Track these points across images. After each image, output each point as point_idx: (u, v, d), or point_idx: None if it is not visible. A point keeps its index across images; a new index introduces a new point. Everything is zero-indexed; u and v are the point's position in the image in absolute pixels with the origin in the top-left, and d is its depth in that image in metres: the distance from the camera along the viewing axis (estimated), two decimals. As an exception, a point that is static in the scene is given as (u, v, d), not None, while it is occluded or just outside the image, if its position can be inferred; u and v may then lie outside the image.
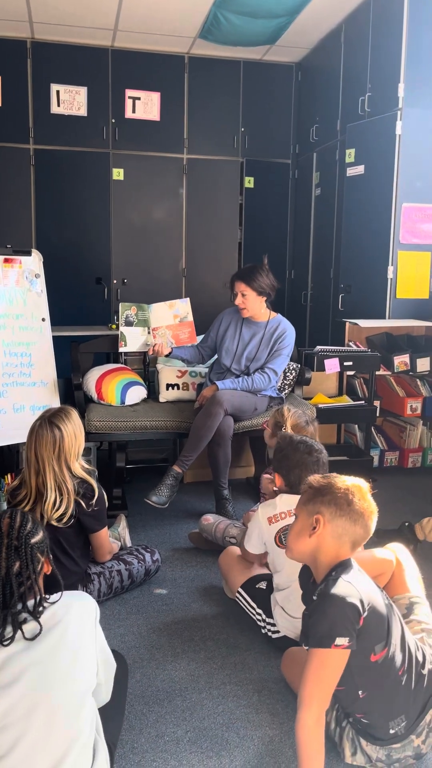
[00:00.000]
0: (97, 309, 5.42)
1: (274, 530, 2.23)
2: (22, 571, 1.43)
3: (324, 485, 1.69)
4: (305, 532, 1.68)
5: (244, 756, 1.78)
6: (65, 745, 1.37)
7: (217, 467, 3.25)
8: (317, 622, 1.57)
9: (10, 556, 1.42)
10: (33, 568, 1.44)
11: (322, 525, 1.65)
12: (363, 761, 1.72)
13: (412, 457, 4.22)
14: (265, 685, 2.08)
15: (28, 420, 3.33)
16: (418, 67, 4.14)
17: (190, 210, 5.71)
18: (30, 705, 1.34)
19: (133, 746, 1.81)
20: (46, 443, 2.25)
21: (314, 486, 1.71)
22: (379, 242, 4.34)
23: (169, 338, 3.52)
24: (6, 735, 1.32)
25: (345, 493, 1.65)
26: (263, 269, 3.34)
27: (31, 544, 1.46)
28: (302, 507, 1.72)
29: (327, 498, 1.66)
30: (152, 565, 2.68)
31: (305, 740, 1.53)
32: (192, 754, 1.78)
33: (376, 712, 1.67)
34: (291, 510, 2.23)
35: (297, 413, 2.64)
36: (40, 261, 3.53)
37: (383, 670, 1.63)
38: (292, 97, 5.81)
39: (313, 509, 1.68)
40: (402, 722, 1.67)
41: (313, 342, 5.14)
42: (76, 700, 1.41)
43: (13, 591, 1.41)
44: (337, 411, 3.86)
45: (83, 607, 1.51)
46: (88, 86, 5.36)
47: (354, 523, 1.65)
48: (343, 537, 1.65)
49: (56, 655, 1.40)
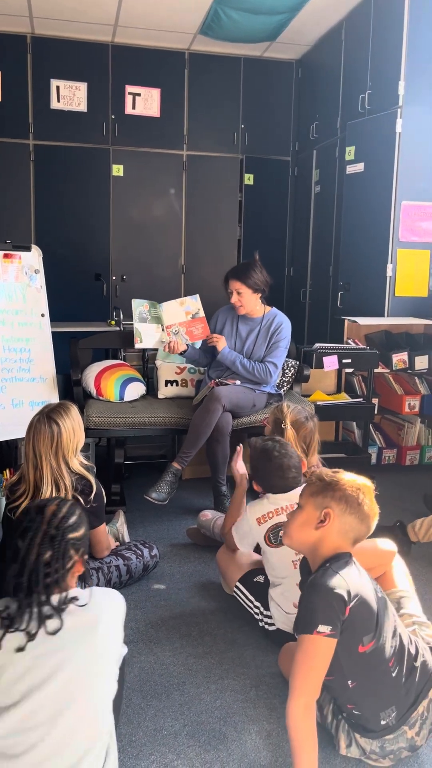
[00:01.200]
0: (97, 305, 5.42)
1: (263, 530, 2.26)
2: (51, 561, 1.40)
3: (336, 481, 1.69)
4: (310, 524, 1.69)
5: (242, 750, 1.79)
6: (83, 748, 1.36)
7: (215, 463, 3.26)
8: (303, 609, 1.62)
9: (44, 543, 1.40)
10: (63, 562, 1.41)
11: (331, 520, 1.66)
12: (357, 753, 1.74)
13: (409, 455, 4.23)
14: (262, 679, 2.09)
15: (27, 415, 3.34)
16: (418, 64, 4.14)
17: (190, 207, 5.71)
18: (57, 707, 1.33)
19: (131, 740, 1.82)
20: (43, 438, 2.24)
21: (325, 480, 1.70)
22: (378, 240, 4.34)
23: (183, 335, 3.48)
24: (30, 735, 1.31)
25: (356, 492, 1.66)
26: (256, 266, 3.35)
27: (68, 538, 1.43)
28: (309, 498, 1.71)
29: (338, 494, 1.67)
30: (150, 560, 2.68)
31: (295, 727, 1.55)
32: (190, 748, 1.79)
33: (366, 703, 1.68)
34: (279, 508, 2.26)
35: (296, 409, 2.65)
36: (39, 256, 3.53)
37: (372, 661, 1.64)
38: (293, 94, 5.81)
39: (322, 503, 1.68)
40: (392, 713, 1.68)
41: (311, 339, 5.14)
42: (101, 704, 1.40)
43: (39, 579, 1.38)
44: (336, 408, 3.86)
45: (113, 606, 1.49)
46: (88, 82, 5.35)
47: (361, 522, 1.67)
48: (348, 534, 1.67)
49: (87, 658, 1.38)
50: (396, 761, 1.74)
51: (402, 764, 1.76)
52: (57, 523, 1.43)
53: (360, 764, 1.75)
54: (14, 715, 1.32)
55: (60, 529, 1.42)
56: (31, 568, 1.38)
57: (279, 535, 2.20)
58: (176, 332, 3.47)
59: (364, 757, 1.74)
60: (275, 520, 2.25)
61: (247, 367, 3.32)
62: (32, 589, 1.38)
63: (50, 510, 1.44)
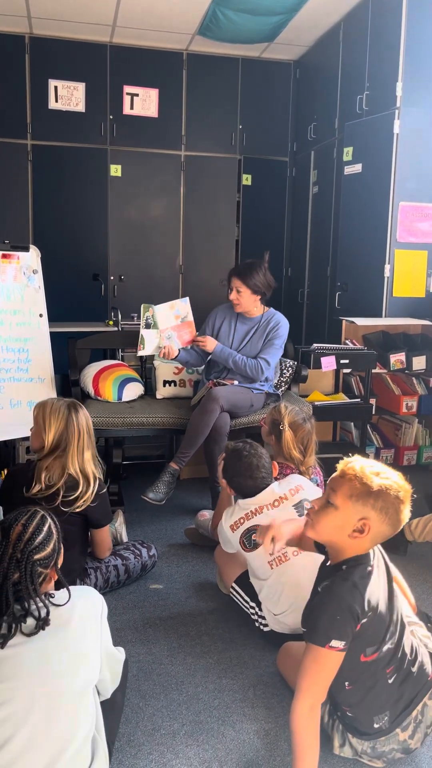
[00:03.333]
0: (95, 305, 5.42)
1: (237, 536, 2.28)
2: (21, 581, 1.43)
3: (381, 490, 1.54)
4: (345, 530, 1.58)
5: (240, 749, 1.80)
6: (64, 738, 1.38)
7: (213, 464, 3.25)
8: (317, 618, 1.57)
9: (10, 567, 1.42)
10: (32, 580, 1.43)
11: (368, 531, 1.57)
12: (350, 753, 1.74)
13: (407, 455, 4.24)
14: (260, 679, 2.10)
15: (24, 416, 3.37)
16: (416, 66, 4.15)
17: (188, 207, 5.71)
18: (30, 698, 1.35)
19: (129, 739, 1.82)
20: (78, 427, 2.30)
21: (366, 483, 1.55)
22: (376, 241, 4.35)
23: (175, 339, 3.47)
24: (5, 727, 1.34)
25: (396, 501, 1.54)
26: (261, 268, 3.34)
27: (33, 560, 1.45)
28: (348, 501, 1.56)
29: (379, 504, 1.54)
30: (148, 560, 2.69)
31: (299, 728, 1.56)
32: (188, 748, 1.80)
33: (361, 706, 1.69)
34: (249, 512, 2.28)
35: (294, 410, 2.66)
36: (37, 257, 3.53)
37: (371, 669, 1.64)
38: (290, 94, 5.82)
39: (362, 510, 1.55)
40: (385, 717, 1.68)
41: (309, 340, 5.15)
42: (76, 694, 1.42)
43: (9, 600, 1.40)
44: (333, 409, 3.87)
45: (88, 603, 1.51)
46: (86, 82, 5.36)
47: (393, 529, 1.58)
48: (377, 539, 1.60)
49: (58, 649, 1.41)
50: (389, 763, 1.74)
51: (398, 764, 1.76)
52: (21, 547, 1.45)
53: (357, 764, 1.75)
54: None
55: (25, 553, 1.44)
56: (0, 588, 1.41)
57: (252, 539, 2.21)
58: (169, 337, 3.45)
59: (357, 757, 1.74)
60: (245, 525, 2.26)
61: (238, 363, 3.33)
62: (2, 610, 1.41)
63: (16, 532, 1.46)
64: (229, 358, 3.34)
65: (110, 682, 1.63)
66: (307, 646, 1.60)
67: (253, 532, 2.21)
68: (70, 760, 1.38)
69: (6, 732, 1.33)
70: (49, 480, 2.25)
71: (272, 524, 1.96)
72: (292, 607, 2.14)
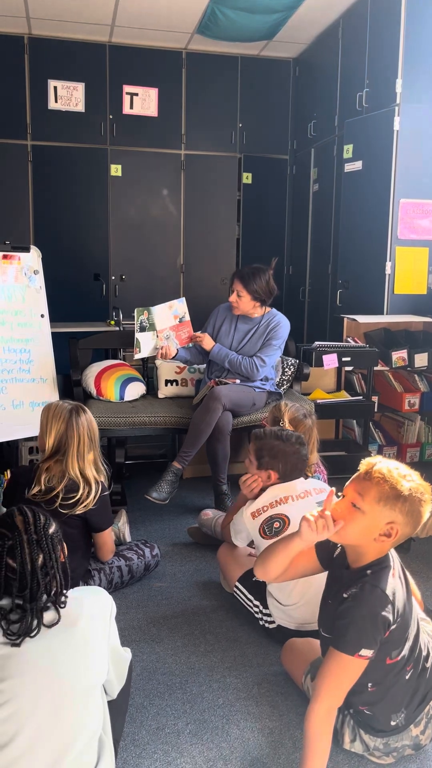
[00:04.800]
0: (96, 305, 5.42)
1: (257, 523, 2.27)
2: (46, 562, 1.43)
3: (408, 492, 1.53)
4: (371, 533, 1.57)
5: (245, 747, 1.80)
6: (69, 737, 1.38)
7: (216, 463, 3.26)
8: (346, 627, 1.56)
9: (33, 550, 1.43)
10: (55, 557, 1.45)
11: (395, 535, 1.56)
12: (361, 749, 1.74)
13: (410, 452, 4.23)
14: (264, 677, 2.10)
15: (27, 416, 3.37)
16: (416, 62, 4.14)
17: (188, 206, 5.71)
18: (36, 696, 1.36)
19: (134, 738, 1.83)
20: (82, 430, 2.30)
21: (396, 487, 1.53)
22: (377, 238, 4.34)
23: (173, 339, 3.48)
24: (10, 724, 1.34)
25: (420, 503, 1.53)
26: (265, 274, 3.32)
27: (50, 534, 1.46)
28: (375, 505, 1.54)
29: (406, 507, 1.53)
30: (152, 560, 2.69)
31: (313, 731, 1.56)
32: (193, 746, 1.80)
33: (380, 705, 1.69)
34: (274, 501, 2.27)
35: (294, 407, 2.65)
36: (38, 257, 3.53)
37: (395, 670, 1.65)
38: (290, 92, 5.81)
39: (390, 515, 1.54)
40: (402, 714, 1.69)
41: (311, 338, 5.15)
42: (83, 693, 1.41)
43: (39, 584, 1.41)
44: (336, 406, 3.87)
45: (97, 602, 1.51)
46: (85, 82, 5.36)
47: (413, 531, 1.57)
48: (400, 541, 1.60)
49: (65, 647, 1.41)
50: (398, 758, 1.75)
51: (406, 761, 1.76)
52: (33, 528, 1.46)
53: (362, 761, 1.75)
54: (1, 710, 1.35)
55: (40, 531, 1.46)
56: (30, 576, 1.41)
57: (273, 527, 2.22)
58: (167, 337, 3.46)
59: (367, 753, 1.74)
60: (269, 513, 2.26)
61: (234, 362, 3.34)
62: (34, 596, 1.41)
63: (20, 521, 1.47)
64: (225, 359, 3.35)
65: (116, 683, 1.63)
66: (332, 651, 1.58)
67: (275, 520, 2.22)
68: (76, 758, 1.38)
69: (11, 729, 1.34)
70: (49, 482, 2.26)
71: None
72: (303, 600, 2.14)
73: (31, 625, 1.38)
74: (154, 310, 3.49)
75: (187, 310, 3.53)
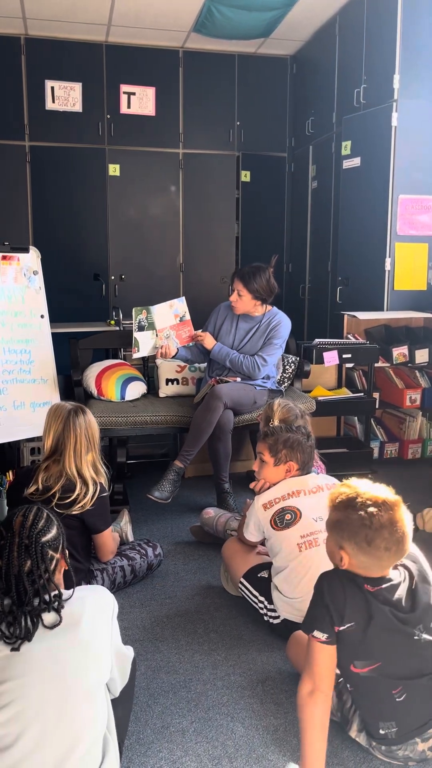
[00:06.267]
0: (96, 305, 5.42)
1: (269, 515, 2.28)
2: (33, 569, 1.43)
3: (344, 518, 1.55)
4: (335, 557, 1.62)
5: (250, 745, 1.80)
6: (74, 737, 1.38)
7: (217, 461, 3.26)
8: (309, 605, 1.63)
9: (20, 554, 1.43)
10: (45, 566, 1.45)
11: (347, 562, 1.58)
12: (365, 742, 1.73)
13: (412, 449, 4.23)
14: (268, 675, 2.10)
15: (28, 417, 3.37)
16: (413, 58, 4.13)
17: (187, 205, 5.71)
18: (40, 696, 1.36)
19: (139, 737, 1.83)
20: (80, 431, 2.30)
21: (335, 512, 1.58)
22: (376, 234, 4.34)
23: (174, 338, 3.48)
24: (14, 724, 1.34)
25: (364, 528, 1.51)
26: (266, 273, 3.32)
27: (42, 542, 1.46)
28: (330, 530, 1.61)
29: (346, 534, 1.55)
30: (154, 559, 2.69)
31: (300, 711, 1.60)
32: (198, 744, 1.80)
33: (364, 710, 1.69)
34: (286, 494, 2.28)
35: (286, 408, 2.64)
36: (37, 258, 3.53)
37: (370, 685, 1.62)
38: (287, 90, 5.81)
39: (338, 540, 1.58)
40: (393, 728, 1.64)
41: (311, 335, 5.15)
42: (87, 693, 1.41)
43: (26, 589, 1.42)
44: (337, 403, 3.87)
45: (99, 601, 1.52)
46: (82, 82, 5.36)
47: (379, 559, 1.55)
48: (371, 568, 1.58)
49: (68, 647, 1.41)
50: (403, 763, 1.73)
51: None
52: (27, 532, 1.46)
53: (366, 757, 1.75)
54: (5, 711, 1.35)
55: (32, 537, 1.46)
56: (17, 581, 1.42)
57: (285, 519, 2.23)
58: (167, 336, 3.46)
59: (371, 748, 1.73)
60: (281, 505, 2.27)
61: (235, 362, 3.33)
62: (22, 600, 1.41)
63: (17, 522, 1.48)
64: (226, 358, 3.35)
65: (119, 681, 1.63)
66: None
67: (287, 512, 2.23)
68: (81, 758, 1.38)
69: (16, 729, 1.34)
70: (46, 481, 2.27)
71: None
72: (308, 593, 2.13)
73: (25, 629, 1.38)
74: (154, 309, 3.48)
75: (187, 309, 3.53)
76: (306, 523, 2.21)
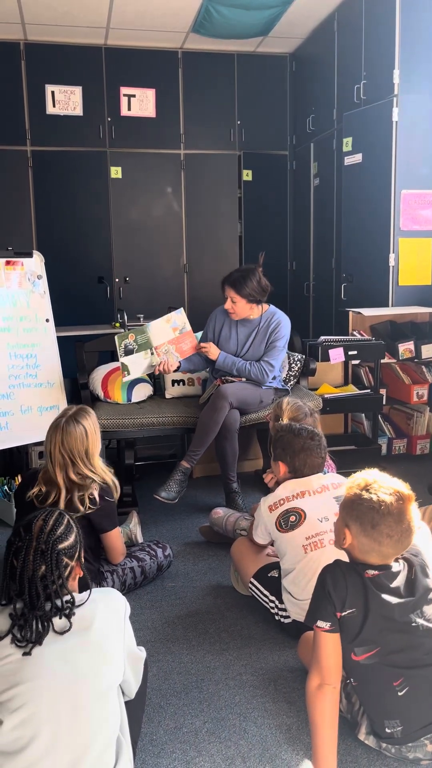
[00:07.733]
0: (101, 308, 5.44)
1: (274, 517, 2.28)
2: (46, 574, 1.44)
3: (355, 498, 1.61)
4: (339, 536, 1.67)
5: (263, 745, 1.80)
6: (87, 739, 1.38)
7: (225, 461, 3.26)
8: (311, 598, 1.64)
9: (36, 559, 1.44)
10: (59, 573, 1.45)
11: (348, 542, 1.63)
12: (374, 744, 1.73)
13: (420, 444, 4.22)
14: (280, 674, 2.10)
15: (35, 421, 3.38)
16: (412, 52, 4.12)
17: (190, 205, 5.71)
18: (53, 698, 1.36)
19: (152, 738, 1.83)
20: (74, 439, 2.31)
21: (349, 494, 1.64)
22: (379, 230, 4.33)
23: (173, 353, 3.42)
24: (27, 727, 1.34)
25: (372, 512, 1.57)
26: (255, 274, 3.26)
27: (58, 549, 1.47)
28: (341, 508, 1.67)
29: (354, 513, 1.60)
30: (164, 560, 2.69)
31: (308, 705, 1.62)
32: (211, 744, 1.80)
33: (369, 706, 1.69)
34: (291, 495, 2.28)
35: (295, 406, 2.64)
36: (41, 262, 3.54)
37: (371, 674, 1.63)
38: (287, 87, 5.80)
39: (346, 518, 1.63)
40: (398, 727, 1.64)
41: (316, 332, 5.14)
42: (100, 695, 1.42)
43: (38, 593, 1.42)
44: (344, 400, 3.86)
45: (111, 604, 1.52)
46: (82, 86, 5.37)
47: (379, 544, 1.59)
48: (371, 553, 1.61)
49: (81, 650, 1.41)
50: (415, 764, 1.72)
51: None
52: (45, 538, 1.47)
53: (380, 755, 1.75)
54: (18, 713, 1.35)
55: (49, 543, 1.47)
56: (30, 584, 1.43)
57: (290, 521, 2.22)
58: (166, 351, 3.37)
59: (381, 749, 1.73)
60: (286, 506, 2.26)
61: (242, 370, 3.31)
62: (35, 604, 1.42)
63: (37, 526, 1.49)
64: (233, 367, 3.32)
65: (134, 683, 1.64)
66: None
67: (291, 514, 2.23)
68: (95, 761, 1.39)
69: (29, 732, 1.34)
70: (47, 484, 2.30)
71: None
72: None
73: (36, 633, 1.39)
74: (150, 327, 3.39)
75: (187, 320, 3.44)
76: (311, 524, 2.20)
